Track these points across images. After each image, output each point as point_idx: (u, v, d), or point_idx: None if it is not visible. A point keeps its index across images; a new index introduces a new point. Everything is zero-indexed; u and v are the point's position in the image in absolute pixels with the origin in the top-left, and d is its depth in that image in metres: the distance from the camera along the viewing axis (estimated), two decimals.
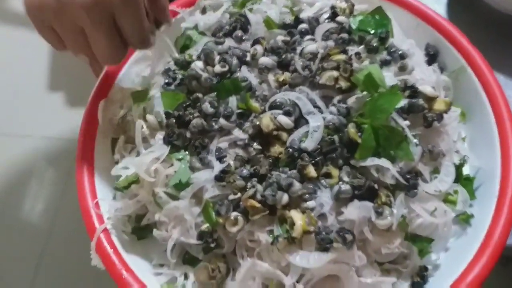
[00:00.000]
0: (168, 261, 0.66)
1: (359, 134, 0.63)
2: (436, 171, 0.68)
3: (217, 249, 0.64)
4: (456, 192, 0.68)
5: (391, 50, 0.73)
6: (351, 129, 0.63)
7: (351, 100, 0.67)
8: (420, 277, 0.63)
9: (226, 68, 0.71)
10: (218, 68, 0.71)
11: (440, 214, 0.65)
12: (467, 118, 0.77)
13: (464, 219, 0.68)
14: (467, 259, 0.60)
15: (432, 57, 0.81)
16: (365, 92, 0.66)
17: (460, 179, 0.70)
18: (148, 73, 0.81)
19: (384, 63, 0.72)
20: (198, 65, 0.73)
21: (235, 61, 0.71)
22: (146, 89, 0.76)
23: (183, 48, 0.81)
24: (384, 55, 0.73)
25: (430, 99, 0.67)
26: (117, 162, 0.73)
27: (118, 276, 0.61)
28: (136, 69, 0.83)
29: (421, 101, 0.66)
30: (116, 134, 0.77)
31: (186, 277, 0.66)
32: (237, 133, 0.68)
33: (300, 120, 0.67)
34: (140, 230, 0.70)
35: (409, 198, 0.63)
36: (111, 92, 0.78)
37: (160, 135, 0.71)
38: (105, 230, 0.67)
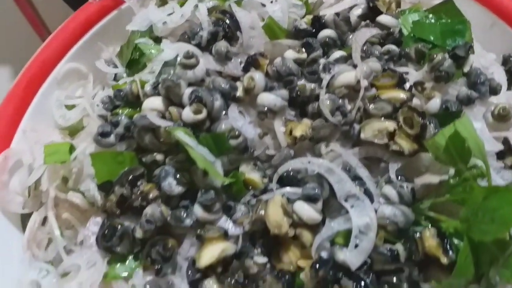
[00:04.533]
0: None
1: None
2: None
3: None
4: None
5: (477, 80, 0.44)
6: (430, 240, 0.36)
7: (421, 181, 0.38)
8: None
9: (203, 115, 0.41)
10: (188, 114, 0.41)
11: None
12: None
13: None
14: None
15: None
16: (451, 171, 0.37)
17: None
18: (79, 102, 0.51)
19: (466, 102, 0.43)
20: (154, 105, 0.42)
21: (218, 101, 0.41)
22: (67, 144, 0.45)
23: (130, 65, 0.50)
24: (462, 86, 0.45)
25: None
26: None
27: None
28: (59, 93, 0.52)
29: None
30: (28, 208, 0.47)
31: None
32: (225, 225, 0.39)
33: (331, 202, 0.39)
34: None
35: None
36: (15, 140, 0.47)
37: (93, 226, 0.42)
38: None
